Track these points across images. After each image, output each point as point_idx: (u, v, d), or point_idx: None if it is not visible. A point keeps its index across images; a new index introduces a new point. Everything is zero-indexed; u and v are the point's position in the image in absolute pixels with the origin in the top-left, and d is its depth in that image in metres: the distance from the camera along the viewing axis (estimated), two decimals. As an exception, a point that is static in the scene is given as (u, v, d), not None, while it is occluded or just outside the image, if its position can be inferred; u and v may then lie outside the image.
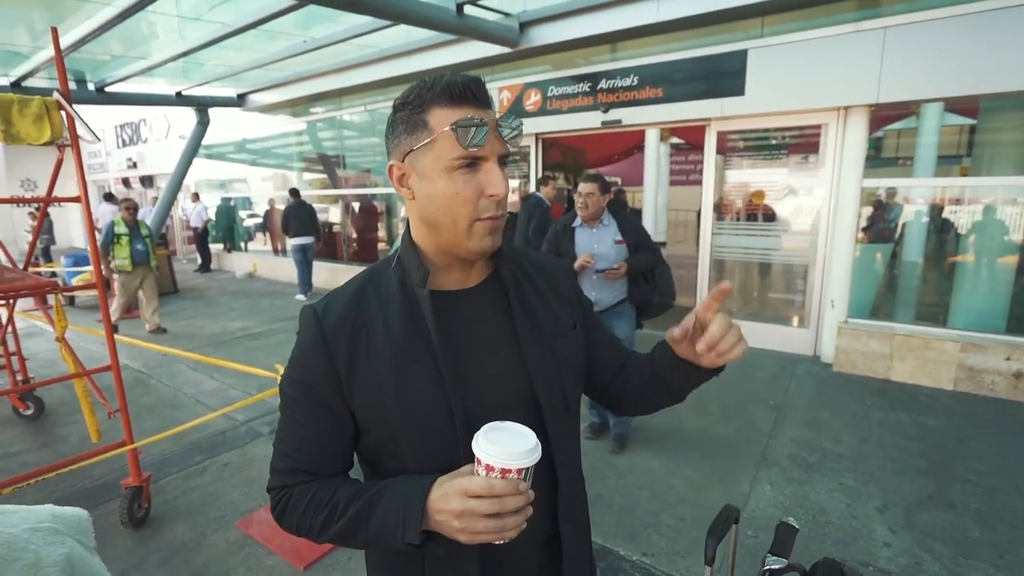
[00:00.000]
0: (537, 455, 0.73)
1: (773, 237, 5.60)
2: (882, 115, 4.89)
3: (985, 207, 4.73)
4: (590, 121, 6.10)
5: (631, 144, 12.26)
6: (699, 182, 5.92)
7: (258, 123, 10.51)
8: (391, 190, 8.58)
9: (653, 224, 14.06)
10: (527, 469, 0.72)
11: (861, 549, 2.49)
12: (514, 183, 7.04)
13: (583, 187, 3.16)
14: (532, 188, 6.55)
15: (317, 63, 7.72)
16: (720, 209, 5.80)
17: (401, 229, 6.79)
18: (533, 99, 6.48)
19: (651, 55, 5.59)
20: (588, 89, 6.03)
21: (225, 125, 10.73)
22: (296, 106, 9.53)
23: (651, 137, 13.05)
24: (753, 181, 5.71)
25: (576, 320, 0.95)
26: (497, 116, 0.79)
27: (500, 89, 6.73)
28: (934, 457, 3.29)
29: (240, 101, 9.72)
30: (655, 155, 13.40)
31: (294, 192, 8.48)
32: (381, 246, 9.56)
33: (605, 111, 5.91)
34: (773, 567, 0.97)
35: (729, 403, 4.10)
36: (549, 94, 6.35)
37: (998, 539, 2.55)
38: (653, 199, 13.82)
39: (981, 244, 4.75)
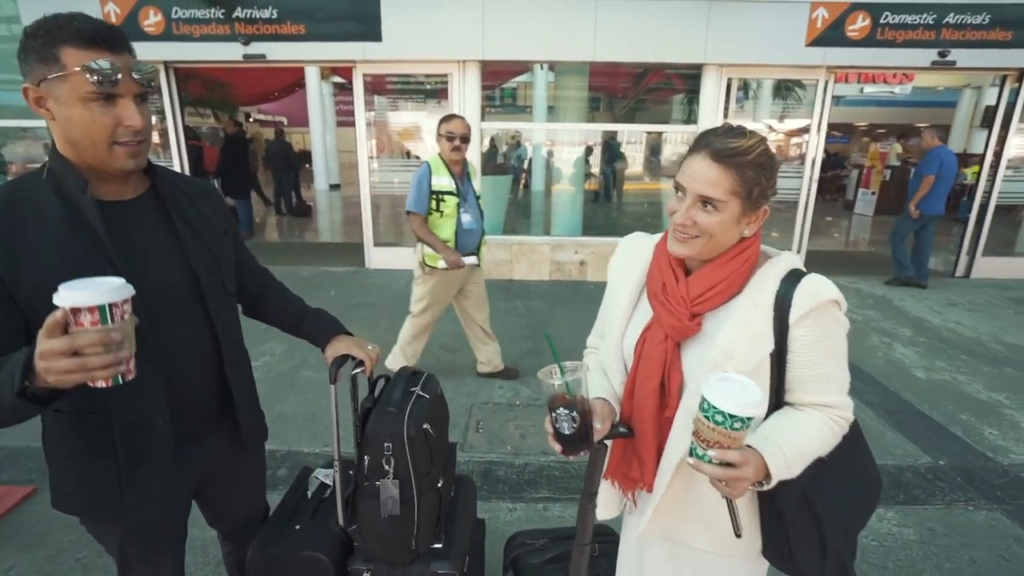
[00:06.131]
0: (112, 295, 0.73)
1: (424, 173, 6.43)
2: (495, 70, 6.05)
3: (573, 148, 6.49)
4: (230, 53, 5.65)
5: (290, 81, 11.58)
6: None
7: None
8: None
9: (324, 167, 13.89)
10: (101, 308, 0.71)
11: (486, 394, 3.47)
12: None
13: None
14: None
15: None
16: (376, 149, 6.30)
17: None
18: (153, 19, 5.55)
19: (287, -11, 5.48)
20: (222, 16, 5.52)
21: None
22: None
23: (311, 75, 12.54)
24: (402, 122, 6.36)
25: (226, 227, 1.20)
26: (133, 61, 0.91)
27: (103, 1, 5.51)
28: (534, 326, 4.64)
29: None
30: (318, 94, 13.01)
31: None
32: None
33: (245, 43, 5.56)
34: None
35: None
36: (174, 16, 5.55)
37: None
38: (322, 141, 13.53)
39: (571, 175, 6.51)
